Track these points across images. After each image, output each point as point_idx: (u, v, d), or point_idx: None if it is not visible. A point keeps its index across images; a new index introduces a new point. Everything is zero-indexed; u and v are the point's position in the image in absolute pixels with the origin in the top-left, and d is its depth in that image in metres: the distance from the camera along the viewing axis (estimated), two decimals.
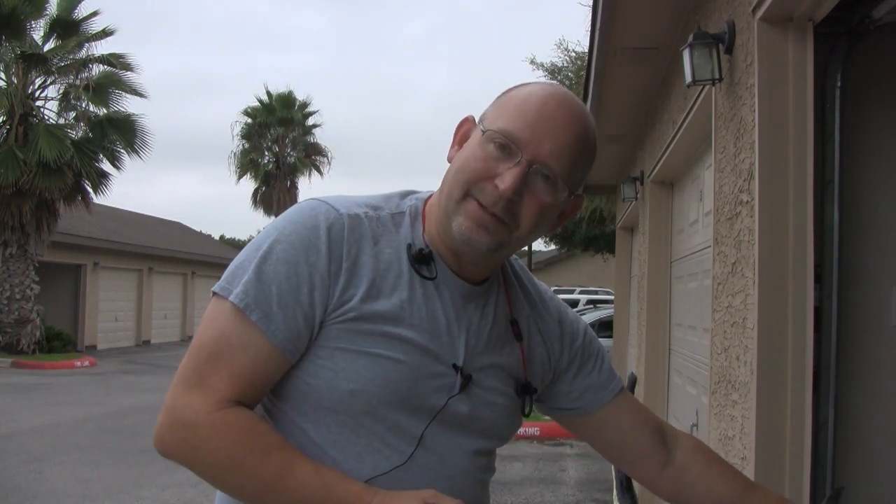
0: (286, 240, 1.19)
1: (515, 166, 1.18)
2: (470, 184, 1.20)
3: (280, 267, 1.17)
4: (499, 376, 1.31)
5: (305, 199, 1.28)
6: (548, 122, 1.19)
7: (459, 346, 1.25)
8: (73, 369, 17.37)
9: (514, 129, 1.19)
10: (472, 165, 1.20)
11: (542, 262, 39.54)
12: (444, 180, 1.25)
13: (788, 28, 2.42)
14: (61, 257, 20.92)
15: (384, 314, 1.19)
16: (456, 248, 1.24)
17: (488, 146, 1.19)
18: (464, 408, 1.25)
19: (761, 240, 2.43)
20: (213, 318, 1.19)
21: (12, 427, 9.86)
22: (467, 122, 1.29)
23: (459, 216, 1.21)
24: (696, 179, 4.59)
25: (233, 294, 1.17)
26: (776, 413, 2.37)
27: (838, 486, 2.36)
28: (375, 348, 1.18)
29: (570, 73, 14.06)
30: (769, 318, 2.39)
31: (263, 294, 1.16)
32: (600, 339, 6.37)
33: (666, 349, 5.76)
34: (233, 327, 1.16)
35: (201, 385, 1.15)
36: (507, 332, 1.34)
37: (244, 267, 1.19)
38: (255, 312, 1.15)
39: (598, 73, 5.17)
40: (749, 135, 2.61)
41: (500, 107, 1.24)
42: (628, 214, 8.02)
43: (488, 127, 1.21)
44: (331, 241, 1.19)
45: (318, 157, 34.22)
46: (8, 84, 18.45)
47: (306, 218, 1.21)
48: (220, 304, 1.19)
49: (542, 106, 1.20)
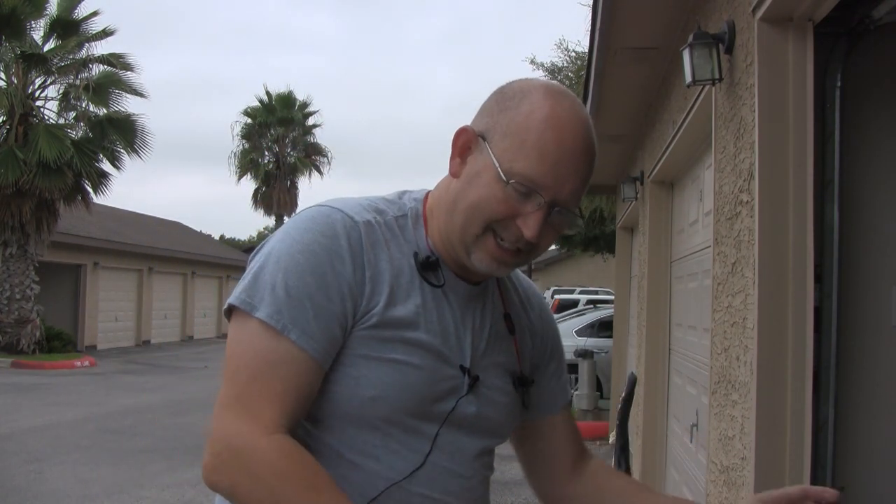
0: (308, 249, 1.17)
1: (538, 210, 1.18)
2: (490, 223, 1.20)
3: (308, 279, 1.15)
4: (500, 374, 1.33)
5: (313, 205, 1.26)
6: (569, 163, 1.18)
7: (466, 347, 1.27)
8: (73, 369, 17.37)
9: (537, 176, 1.17)
10: (494, 206, 1.18)
11: (542, 262, 39.51)
12: (454, 202, 1.23)
13: (788, 28, 2.42)
14: (61, 257, 20.92)
15: (403, 320, 1.20)
16: (464, 264, 1.25)
17: (508, 189, 1.17)
18: (472, 408, 1.26)
19: (761, 240, 2.43)
20: (244, 338, 1.16)
21: (12, 427, 9.86)
22: (466, 133, 1.24)
23: (479, 251, 1.22)
24: (696, 179, 4.59)
25: (260, 311, 1.14)
26: (776, 413, 2.37)
27: (838, 486, 2.36)
28: (395, 354, 1.18)
29: (570, 73, 14.05)
30: (769, 318, 2.39)
31: (298, 310, 1.14)
32: (600, 339, 6.46)
33: (666, 349, 5.76)
34: (270, 346, 1.14)
35: (248, 410, 1.11)
36: (503, 328, 1.36)
37: (265, 280, 1.16)
38: (294, 331, 1.13)
39: (598, 73, 5.17)
40: (749, 135, 2.61)
41: (513, 136, 1.18)
42: (628, 214, 8.02)
43: (503, 164, 1.17)
44: (352, 250, 1.18)
45: (319, 157, 34.26)
46: (8, 84, 18.45)
47: (324, 226, 1.19)
48: (246, 321, 1.15)
49: (560, 142, 1.17)
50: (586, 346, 11.53)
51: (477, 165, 1.21)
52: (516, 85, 1.24)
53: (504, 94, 1.24)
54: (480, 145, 1.21)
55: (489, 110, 1.24)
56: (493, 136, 1.20)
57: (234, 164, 33.13)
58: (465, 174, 1.22)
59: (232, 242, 53.36)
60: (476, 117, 1.26)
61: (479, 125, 1.23)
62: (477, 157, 1.22)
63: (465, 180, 1.22)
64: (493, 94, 1.26)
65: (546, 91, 1.21)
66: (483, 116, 1.24)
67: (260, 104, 33.05)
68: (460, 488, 1.24)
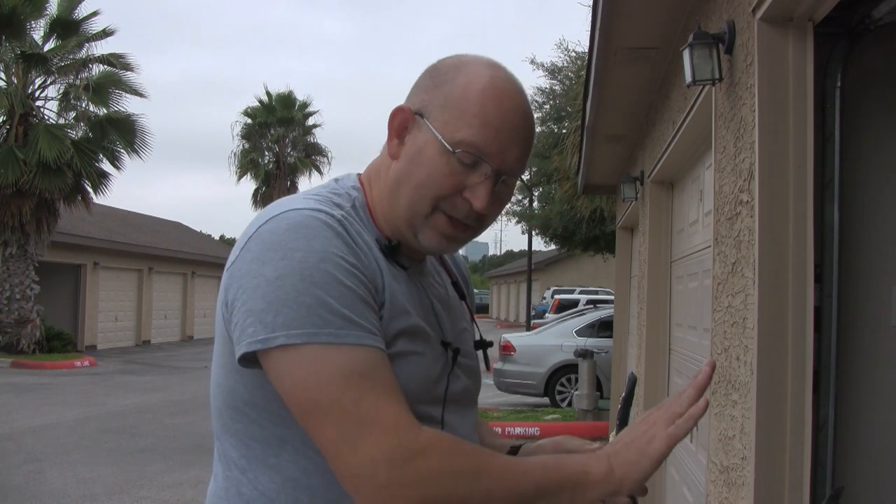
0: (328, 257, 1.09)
1: (486, 180, 1.17)
2: (438, 199, 1.18)
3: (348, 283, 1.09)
4: (467, 340, 1.35)
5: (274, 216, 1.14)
6: (512, 129, 1.17)
7: (444, 322, 1.28)
8: (73, 369, 17.37)
9: (481, 142, 1.15)
10: (440, 181, 1.17)
11: (542, 262, 39.53)
12: (396, 183, 1.20)
13: (788, 28, 2.42)
14: (61, 257, 20.92)
15: (401, 308, 1.17)
16: (412, 245, 1.23)
17: (453, 160, 1.16)
18: (460, 382, 1.27)
19: (761, 240, 2.42)
20: (322, 368, 1.05)
21: (12, 427, 9.86)
22: (403, 113, 1.21)
23: (428, 230, 1.20)
24: (696, 179, 4.58)
25: (322, 335, 1.05)
26: (776, 413, 2.37)
27: (838, 486, 2.36)
28: (404, 345, 1.16)
29: (571, 73, 14.06)
30: (769, 318, 2.39)
31: (357, 315, 1.08)
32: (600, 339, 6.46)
33: (666, 349, 5.76)
34: (353, 361, 1.06)
35: (378, 424, 1.03)
36: (454, 295, 1.38)
37: (310, 303, 1.06)
38: (366, 337, 1.08)
39: (598, 73, 5.17)
40: (749, 135, 2.61)
41: (452, 108, 1.17)
42: (628, 214, 8.02)
43: (445, 135, 1.15)
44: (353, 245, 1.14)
45: (319, 157, 34.23)
46: (8, 84, 18.46)
47: (323, 230, 1.12)
48: (312, 352, 1.05)
49: (500, 108, 1.16)
50: (586, 346, 11.52)
51: (417, 143, 1.19)
52: (449, 61, 1.23)
53: (437, 69, 1.23)
54: (418, 123, 1.19)
55: (423, 87, 1.22)
56: (431, 111, 1.18)
57: (234, 164, 33.13)
58: (405, 154, 1.20)
59: (232, 242, 53.29)
60: (410, 96, 1.24)
61: (415, 103, 1.21)
62: (416, 135, 1.19)
63: (405, 160, 1.20)
64: (426, 71, 1.25)
65: (480, 62, 1.21)
66: (417, 94, 1.22)
67: (260, 104, 33.04)
68: None
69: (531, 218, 17.88)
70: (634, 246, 8.63)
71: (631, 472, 1.12)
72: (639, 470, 1.12)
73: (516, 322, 39.29)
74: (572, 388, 12.05)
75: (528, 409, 12.05)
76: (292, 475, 1.16)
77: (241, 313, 1.10)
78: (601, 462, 1.12)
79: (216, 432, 1.25)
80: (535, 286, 34.07)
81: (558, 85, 14.65)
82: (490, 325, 40.03)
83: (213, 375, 1.24)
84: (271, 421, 1.16)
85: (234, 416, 1.19)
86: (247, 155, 33.02)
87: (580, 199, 12.16)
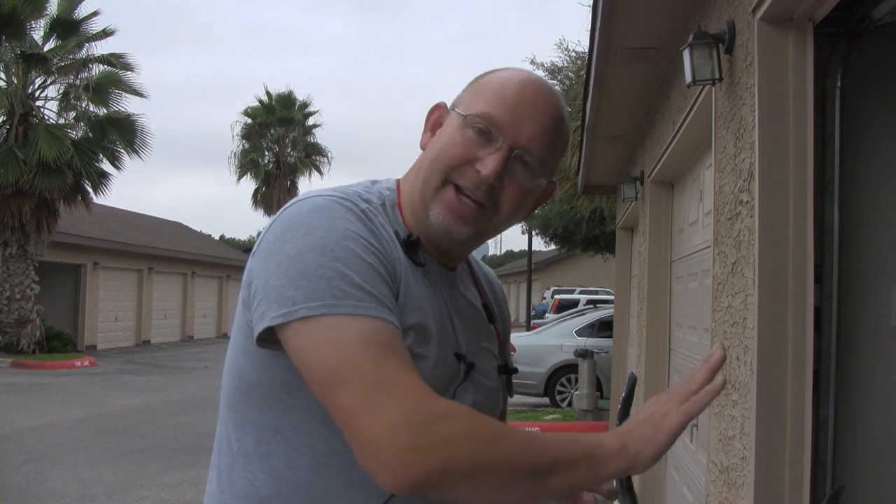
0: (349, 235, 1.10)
1: (497, 151, 1.18)
2: (449, 170, 1.19)
3: (369, 259, 1.10)
4: (488, 359, 1.32)
5: (300, 199, 1.18)
6: (527, 106, 1.19)
7: (459, 333, 1.25)
8: (73, 369, 17.38)
9: (494, 112, 1.18)
10: (451, 151, 1.19)
11: (542, 262, 39.54)
12: (419, 168, 1.25)
13: (788, 28, 2.42)
14: (61, 257, 20.92)
15: (415, 305, 1.16)
16: (434, 238, 1.23)
17: (467, 131, 1.19)
18: (469, 396, 1.24)
19: (761, 240, 2.43)
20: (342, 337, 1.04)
21: (12, 427, 9.86)
22: (439, 109, 1.28)
23: (437, 205, 1.20)
24: (696, 179, 4.58)
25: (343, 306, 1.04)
26: (776, 413, 2.37)
27: (838, 486, 2.36)
28: (411, 343, 1.13)
29: (571, 73, 14.05)
30: (769, 318, 2.39)
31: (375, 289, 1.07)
32: (600, 339, 6.44)
33: (666, 349, 5.76)
34: (373, 330, 1.04)
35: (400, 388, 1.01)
36: (482, 315, 1.35)
37: (330, 276, 1.06)
38: (383, 311, 1.07)
39: (598, 73, 5.17)
40: (749, 135, 2.61)
41: (475, 92, 1.23)
42: (628, 214, 8.02)
43: (466, 112, 1.20)
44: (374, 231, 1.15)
45: (319, 157, 34.24)
46: (8, 84, 18.47)
47: (344, 212, 1.14)
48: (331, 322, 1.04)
49: (520, 90, 1.20)
50: (586, 346, 11.52)
51: (443, 130, 1.25)
52: (489, 69, 1.29)
53: (477, 75, 1.29)
54: (450, 114, 1.25)
55: (462, 90, 1.29)
56: (461, 101, 1.25)
57: (234, 164, 33.15)
58: (432, 142, 1.25)
59: (232, 242, 53.39)
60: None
61: (452, 102, 1.28)
62: (445, 125, 1.25)
63: (430, 146, 1.25)
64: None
65: (518, 69, 1.27)
66: (457, 95, 1.29)
67: (260, 104, 33.05)
68: None
69: (531, 218, 17.89)
70: (634, 246, 8.63)
71: (646, 447, 1.10)
72: (654, 444, 1.10)
73: (516, 322, 39.28)
74: (572, 388, 12.05)
75: (528, 409, 12.05)
76: (278, 466, 1.16)
77: (261, 291, 1.09)
78: (615, 437, 1.11)
79: (220, 415, 1.26)
80: (535, 286, 34.07)
81: (558, 85, 14.65)
82: None
83: (227, 359, 1.25)
84: (271, 406, 1.16)
85: (238, 397, 1.21)
86: (247, 155, 33.03)
87: (580, 199, 12.15)
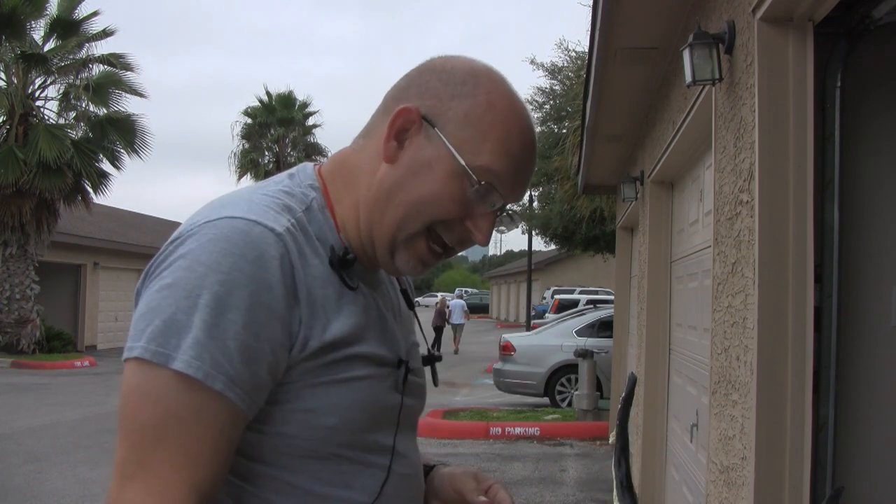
0: (230, 280, 0.96)
1: (492, 212, 1.09)
2: (436, 222, 1.07)
3: (232, 315, 0.95)
4: (417, 356, 1.24)
5: (216, 218, 1.02)
6: (528, 161, 1.10)
7: (398, 338, 1.16)
8: (73, 369, 17.37)
9: (503, 171, 1.07)
10: (447, 206, 1.06)
11: (542, 262, 39.54)
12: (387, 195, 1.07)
13: (788, 28, 2.42)
14: (61, 257, 20.92)
15: (346, 337, 1.05)
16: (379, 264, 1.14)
17: (468, 187, 1.06)
18: (409, 401, 1.17)
19: (761, 240, 2.43)
20: (152, 391, 0.95)
21: (12, 427, 9.86)
22: (409, 114, 1.07)
23: (406, 252, 1.09)
24: (696, 179, 4.59)
25: (177, 360, 0.94)
26: (776, 413, 2.37)
27: (838, 486, 2.37)
28: (344, 373, 1.05)
29: (570, 73, 14.05)
30: (769, 318, 2.39)
31: (222, 354, 0.95)
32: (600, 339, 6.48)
33: (666, 349, 5.76)
34: (183, 401, 0.94)
35: (158, 480, 0.94)
36: (403, 305, 1.26)
37: (180, 322, 0.95)
38: (219, 380, 0.95)
39: (598, 74, 5.17)
40: (749, 135, 2.61)
41: (474, 128, 1.06)
42: (628, 214, 8.02)
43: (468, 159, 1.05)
44: (283, 273, 0.99)
45: (319, 157, 34.23)
46: (8, 84, 18.47)
47: (244, 247, 0.98)
48: (157, 372, 0.94)
49: (522, 140, 1.08)
50: (586, 346, 11.52)
51: (424, 155, 1.06)
52: (458, 65, 1.11)
53: (450, 74, 1.10)
54: (427, 131, 1.07)
55: (432, 91, 1.09)
56: (446, 123, 1.06)
57: (234, 163, 33.15)
58: (405, 162, 1.07)
59: None
60: (411, 95, 1.10)
61: (422, 107, 1.08)
62: (422, 143, 1.07)
63: (405, 169, 1.07)
64: (430, 70, 1.12)
65: (493, 76, 1.11)
66: (423, 96, 1.09)
67: (260, 104, 33.05)
68: (416, 489, 1.18)
69: (531, 218, 17.87)
70: (634, 246, 8.64)
71: None
72: None
73: (516, 322, 39.30)
74: (572, 388, 12.05)
75: (528, 409, 12.05)
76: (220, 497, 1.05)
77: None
78: None
79: None
80: (535, 286, 34.06)
81: (558, 85, 14.64)
82: (490, 325, 40.05)
83: None
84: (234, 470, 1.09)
85: None
86: (247, 155, 33.02)
87: (580, 199, 12.16)
